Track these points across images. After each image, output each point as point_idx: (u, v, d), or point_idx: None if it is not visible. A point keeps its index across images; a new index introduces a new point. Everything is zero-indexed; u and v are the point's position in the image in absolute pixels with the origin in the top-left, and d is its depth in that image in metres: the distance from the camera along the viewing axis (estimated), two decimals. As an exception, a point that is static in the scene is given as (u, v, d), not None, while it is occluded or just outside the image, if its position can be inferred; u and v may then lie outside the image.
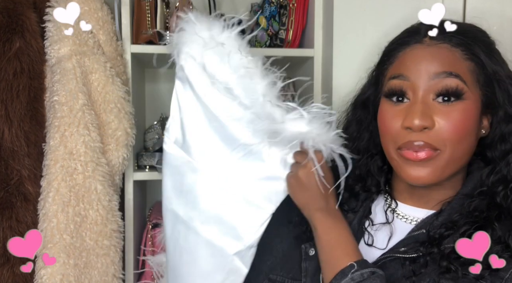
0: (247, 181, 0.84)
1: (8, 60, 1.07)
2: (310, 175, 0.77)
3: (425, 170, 0.73)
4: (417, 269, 0.73)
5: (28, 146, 1.08)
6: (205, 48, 0.81)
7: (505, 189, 0.74)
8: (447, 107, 0.72)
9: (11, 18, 1.08)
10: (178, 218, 0.89)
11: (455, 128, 0.71)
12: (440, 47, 0.74)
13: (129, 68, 1.26)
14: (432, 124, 0.71)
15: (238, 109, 0.81)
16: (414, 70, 0.73)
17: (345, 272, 0.72)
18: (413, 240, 0.77)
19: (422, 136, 0.72)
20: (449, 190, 0.78)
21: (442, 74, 0.72)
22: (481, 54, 0.74)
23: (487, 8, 1.18)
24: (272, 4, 1.40)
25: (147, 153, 1.37)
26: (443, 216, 0.77)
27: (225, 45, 0.80)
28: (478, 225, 0.71)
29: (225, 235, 0.84)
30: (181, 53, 0.84)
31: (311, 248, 0.82)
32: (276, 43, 1.41)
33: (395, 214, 0.82)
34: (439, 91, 0.72)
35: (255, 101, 0.79)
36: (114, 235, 1.12)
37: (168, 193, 0.91)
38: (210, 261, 0.86)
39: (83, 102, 1.08)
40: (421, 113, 0.71)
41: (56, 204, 1.06)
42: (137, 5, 1.32)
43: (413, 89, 0.73)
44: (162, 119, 1.51)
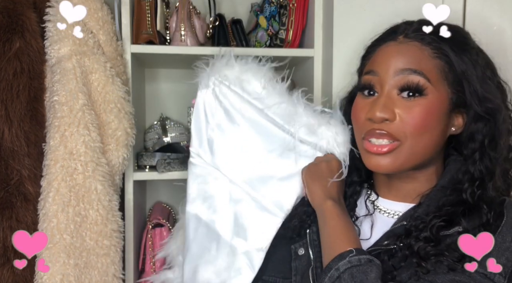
0: (265, 188, 0.94)
1: (8, 60, 1.07)
2: (332, 167, 0.87)
3: (385, 159, 0.77)
4: (397, 263, 0.76)
5: (28, 146, 1.08)
6: (235, 75, 0.96)
7: (472, 187, 0.77)
8: (410, 102, 0.76)
9: (11, 18, 1.07)
10: (201, 221, 0.98)
11: (415, 122, 0.75)
12: (410, 45, 0.78)
13: (129, 68, 1.26)
14: (393, 117, 0.76)
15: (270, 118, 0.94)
16: (383, 66, 0.78)
17: (344, 255, 0.75)
18: (394, 233, 0.80)
19: (383, 126, 0.76)
20: (424, 183, 0.82)
21: (406, 71, 0.76)
22: (450, 53, 0.77)
23: (487, 8, 1.18)
24: (272, 4, 1.41)
25: (147, 153, 1.37)
26: (422, 208, 0.80)
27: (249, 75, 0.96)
28: (445, 218, 0.75)
29: (238, 235, 0.94)
30: (212, 78, 0.98)
31: (300, 248, 0.87)
32: (276, 43, 1.41)
33: (378, 209, 0.86)
34: (402, 86, 0.76)
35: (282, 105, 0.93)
36: (114, 235, 1.12)
37: (193, 199, 1.00)
38: (225, 260, 0.94)
39: (83, 102, 1.08)
40: (382, 106, 0.76)
41: (56, 204, 1.06)
42: (137, 5, 1.32)
43: (380, 83, 0.78)
44: (162, 119, 1.52)
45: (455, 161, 0.83)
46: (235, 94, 0.96)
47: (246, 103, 0.95)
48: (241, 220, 0.94)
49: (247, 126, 0.96)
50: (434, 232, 0.74)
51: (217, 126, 0.98)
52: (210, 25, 1.39)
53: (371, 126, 0.78)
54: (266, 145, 0.95)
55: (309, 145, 0.92)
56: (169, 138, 1.46)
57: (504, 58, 1.18)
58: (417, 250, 0.73)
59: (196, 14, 1.37)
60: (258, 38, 1.41)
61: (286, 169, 0.93)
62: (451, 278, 0.70)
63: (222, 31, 1.41)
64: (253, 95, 0.95)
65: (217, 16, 1.41)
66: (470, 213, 0.74)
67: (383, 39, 0.82)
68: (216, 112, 0.98)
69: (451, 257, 0.71)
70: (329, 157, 0.89)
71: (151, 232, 1.38)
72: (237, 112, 0.97)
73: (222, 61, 0.97)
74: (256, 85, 0.95)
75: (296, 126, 0.91)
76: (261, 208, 0.93)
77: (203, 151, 0.99)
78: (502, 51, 1.18)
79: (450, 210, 0.76)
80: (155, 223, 1.39)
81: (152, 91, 1.61)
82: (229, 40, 1.41)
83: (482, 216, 0.74)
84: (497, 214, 0.74)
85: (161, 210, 1.50)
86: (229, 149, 0.97)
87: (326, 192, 0.84)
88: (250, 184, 0.95)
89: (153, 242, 1.38)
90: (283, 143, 0.93)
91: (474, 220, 0.74)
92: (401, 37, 0.79)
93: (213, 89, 0.98)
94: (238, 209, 0.95)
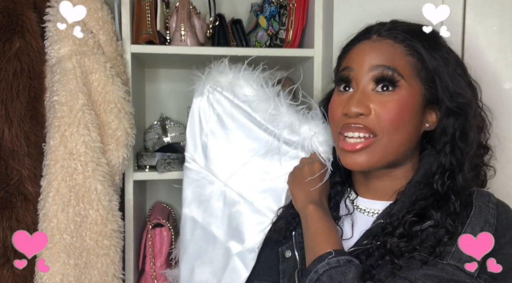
0: (255, 190, 0.97)
1: (8, 60, 1.07)
2: (314, 171, 0.88)
3: (361, 156, 0.79)
4: (374, 262, 0.77)
5: (28, 146, 1.08)
6: (228, 81, 1.00)
7: (442, 178, 0.78)
8: (384, 96, 0.78)
9: (11, 18, 1.07)
10: (197, 224, 1.02)
11: (389, 116, 0.77)
12: (383, 43, 0.81)
13: (129, 68, 1.26)
14: (368, 112, 0.78)
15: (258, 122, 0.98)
16: (358, 63, 0.81)
17: (323, 257, 0.76)
18: (372, 232, 0.81)
19: (358, 121, 0.78)
20: (401, 179, 0.83)
21: (380, 67, 0.78)
22: (422, 51, 0.79)
23: (487, 8, 1.18)
24: (272, 4, 1.40)
25: (147, 153, 1.37)
26: (398, 204, 0.81)
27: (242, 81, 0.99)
28: (418, 213, 0.76)
29: (232, 237, 0.97)
30: (206, 86, 1.02)
31: (287, 250, 0.88)
32: (276, 43, 1.41)
33: (358, 208, 0.87)
34: (376, 77, 0.78)
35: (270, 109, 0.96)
36: (114, 235, 1.12)
37: (188, 203, 1.04)
38: (221, 261, 0.98)
39: (83, 102, 1.08)
40: (357, 101, 0.78)
41: (56, 204, 1.06)
42: (137, 5, 1.32)
43: (356, 79, 0.80)
44: (162, 119, 1.52)
45: (428, 155, 0.84)
46: (227, 99, 0.99)
47: (236, 107, 0.98)
48: (235, 222, 0.97)
49: (237, 130, 0.99)
50: (407, 227, 0.75)
51: (210, 132, 1.01)
52: (210, 25, 1.39)
53: (347, 121, 0.79)
54: (254, 148, 0.98)
55: (292, 146, 0.94)
56: (169, 138, 1.46)
57: (504, 58, 1.18)
58: (390, 247, 0.75)
59: (196, 14, 1.37)
60: (258, 38, 1.41)
61: (273, 171, 0.96)
62: (424, 273, 0.71)
63: (222, 31, 1.41)
64: (243, 99, 0.98)
65: (217, 16, 1.41)
66: (440, 204, 0.76)
67: (358, 38, 0.85)
68: (209, 119, 1.02)
69: (423, 252, 0.72)
70: (312, 159, 0.91)
71: (151, 232, 1.38)
72: (228, 117, 1.00)
73: (218, 69, 1.00)
74: (247, 90, 0.98)
75: (279, 126, 0.94)
76: (253, 210, 0.96)
77: (197, 156, 1.03)
78: (502, 51, 1.19)
79: (423, 204, 0.77)
80: (155, 223, 1.39)
81: (152, 91, 1.61)
82: (229, 40, 1.41)
83: (450, 205, 0.75)
84: (464, 204, 0.76)
85: (161, 210, 1.50)
86: (221, 153, 1.00)
87: (309, 196, 0.86)
88: (241, 187, 0.98)
89: (153, 242, 1.38)
90: (269, 145, 0.96)
91: (443, 211, 0.75)
92: (375, 36, 0.82)
93: (208, 96, 1.01)
94: (233, 212, 0.98)
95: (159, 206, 1.55)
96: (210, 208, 1.00)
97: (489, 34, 1.18)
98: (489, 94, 0.91)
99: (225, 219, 0.99)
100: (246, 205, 0.97)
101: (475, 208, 0.75)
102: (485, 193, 0.79)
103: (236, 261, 0.95)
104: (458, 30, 1.18)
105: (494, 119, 0.88)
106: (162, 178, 1.33)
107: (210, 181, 1.01)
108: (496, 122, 0.89)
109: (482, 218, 0.74)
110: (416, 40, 0.79)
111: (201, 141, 1.03)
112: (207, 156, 1.02)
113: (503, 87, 1.17)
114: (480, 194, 0.78)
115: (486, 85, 0.99)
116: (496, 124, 0.89)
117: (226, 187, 0.99)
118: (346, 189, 0.91)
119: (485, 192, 0.80)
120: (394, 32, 0.80)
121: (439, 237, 0.73)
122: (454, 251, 0.71)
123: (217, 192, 1.00)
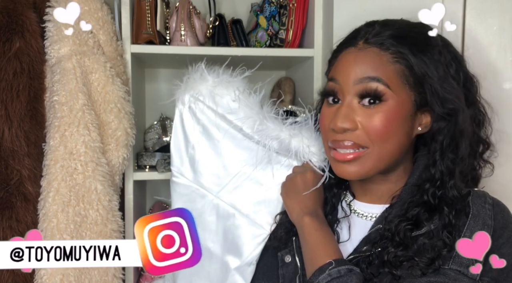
0: (249, 202, 0.94)
1: (8, 60, 1.07)
2: (307, 181, 0.87)
3: (352, 167, 0.78)
4: (375, 270, 0.76)
5: (28, 146, 1.08)
6: (208, 89, 0.96)
7: (433, 187, 0.77)
8: (370, 110, 0.76)
9: (11, 18, 1.07)
10: None
11: (376, 129, 0.75)
12: (369, 52, 0.78)
13: (129, 68, 1.26)
14: (355, 126, 0.76)
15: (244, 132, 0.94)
16: (343, 75, 0.79)
17: (323, 269, 0.75)
18: (370, 238, 0.80)
19: (346, 137, 0.77)
20: (396, 182, 0.83)
21: (365, 80, 0.76)
22: (410, 56, 0.76)
23: (487, 8, 1.18)
24: (272, 4, 1.41)
25: (147, 153, 1.37)
26: (396, 208, 0.80)
27: (222, 90, 0.95)
28: (411, 222, 0.76)
29: (229, 252, 0.94)
30: (187, 96, 0.97)
31: (286, 255, 0.87)
32: (276, 43, 1.41)
33: (355, 212, 0.86)
34: (361, 93, 0.76)
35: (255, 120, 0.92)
36: (114, 235, 1.12)
37: None
38: (219, 275, 0.95)
39: (83, 102, 1.08)
40: (343, 116, 0.77)
41: (56, 204, 1.06)
42: (137, 5, 1.32)
43: (342, 92, 0.79)
44: (162, 119, 1.52)
45: (422, 157, 0.83)
46: (210, 109, 0.96)
47: (221, 117, 0.95)
48: (231, 236, 0.95)
49: (224, 141, 0.95)
50: (402, 236, 0.75)
51: (197, 144, 0.98)
52: (210, 25, 1.39)
53: (335, 137, 0.78)
54: (244, 159, 0.95)
55: (284, 156, 0.92)
56: (169, 138, 1.46)
57: (504, 58, 1.18)
58: (388, 258, 0.74)
59: (196, 14, 1.37)
60: (258, 38, 1.41)
61: (266, 181, 0.94)
62: (427, 280, 0.71)
63: (222, 31, 1.41)
64: (227, 110, 0.94)
65: (217, 16, 1.41)
66: (432, 214, 0.75)
67: (345, 43, 0.83)
68: (194, 130, 0.98)
69: (421, 262, 0.72)
70: (304, 168, 0.89)
71: (151, 232, 1.38)
72: (214, 127, 0.96)
73: (195, 76, 0.96)
74: (228, 99, 0.94)
75: (267, 140, 0.91)
76: (250, 223, 0.94)
77: (185, 169, 0.99)
78: (502, 51, 1.19)
79: (416, 211, 0.76)
80: (155, 223, 1.39)
81: (152, 91, 1.61)
82: (229, 40, 1.41)
83: (444, 217, 0.74)
84: (459, 211, 0.75)
85: (161, 210, 1.50)
86: (210, 166, 0.97)
87: (304, 207, 0.84)
88: (235, 199, 0.95)
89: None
90: (260, 156, 0.93)
91: (438, 221, 0.74)
92: (361, 42, 0.79)
93: (190, 106, 0.97)
94: (227, 225, 0.95)
95: (159, 206, 1.55)
96: (203, 222, 0.97)
97: (489, 34, 1.18)
98: (489, 94, 0.91)
99: (220, 232, 0.96)
100: (242, 218, 0.94)
101: (472, 212, 0.75)
102: (481, 194, 0.78)
103: (235, 276, 0.93)
104: (458, 30, 1.18)
105: (493, 119, 0.87)
106: (162, 178, 1.33)
107: (200, 194, 0.97)
108: (496, 122, 0.89)
109: (480, 221, 0.74)
110: (404, 45, 0.76)
111: (188, 154, 0.99)
112: (196, 169, 0.98)
113: (503, 87, 1.17)
114: (476, 196, 0.77)
115: (486, 85, 0.99)
116: (496, 124, 0.89)
117: (218, 200, 0.96)
118: (342, 191, 0.90)
119: (480, 192, 0.79)
120: (381, 38, 0.77)
121: (437, 250, 0.72)
122: (455, 256, 0.71)
123: (209, 205, 0.97)
